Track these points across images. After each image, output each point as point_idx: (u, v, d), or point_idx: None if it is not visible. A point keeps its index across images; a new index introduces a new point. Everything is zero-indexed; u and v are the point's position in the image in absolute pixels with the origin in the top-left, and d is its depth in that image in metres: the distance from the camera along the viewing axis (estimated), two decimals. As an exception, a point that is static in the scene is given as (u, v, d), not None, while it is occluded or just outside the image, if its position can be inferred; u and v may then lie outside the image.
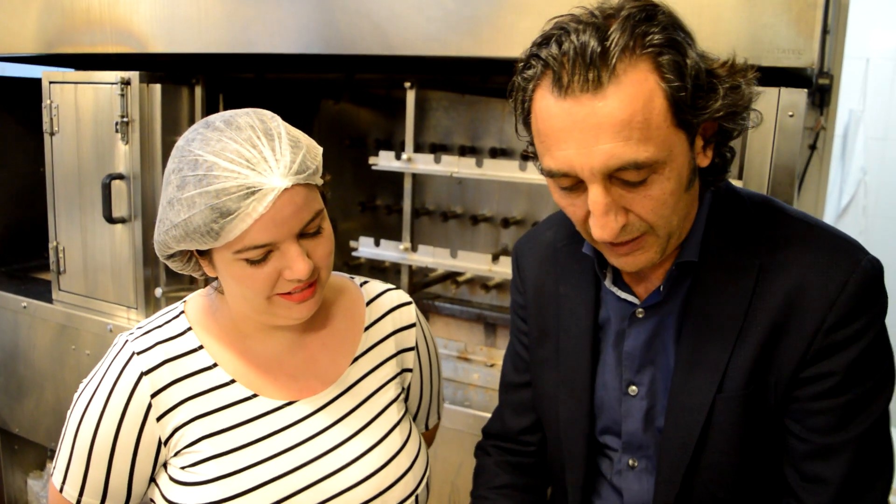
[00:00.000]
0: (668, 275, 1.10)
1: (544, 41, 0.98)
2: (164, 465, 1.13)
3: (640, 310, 1.14)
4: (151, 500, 1.15)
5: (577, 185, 0.99)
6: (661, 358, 1.14)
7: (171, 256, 1.12)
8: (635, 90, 0.92)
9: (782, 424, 1.08)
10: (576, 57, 0.92)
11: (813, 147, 2.78)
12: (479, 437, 1.44)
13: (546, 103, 0.96)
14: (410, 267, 2.31)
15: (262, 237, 1.02)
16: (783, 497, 1.10)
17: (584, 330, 1.19)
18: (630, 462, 1.19)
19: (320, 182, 1.10)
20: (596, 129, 0.92)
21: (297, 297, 1.09)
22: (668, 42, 0.94)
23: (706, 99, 0.97)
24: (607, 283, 1.16)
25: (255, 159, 1.01)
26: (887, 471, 1.07)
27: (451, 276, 2.63)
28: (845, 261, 1.02)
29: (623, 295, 1.15)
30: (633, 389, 1.16)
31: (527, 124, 1.04)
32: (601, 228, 0.97)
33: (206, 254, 1.09)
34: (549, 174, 1.00)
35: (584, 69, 0.92)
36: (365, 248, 2.30)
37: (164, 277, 2.46)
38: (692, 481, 1.10)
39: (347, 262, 2.85)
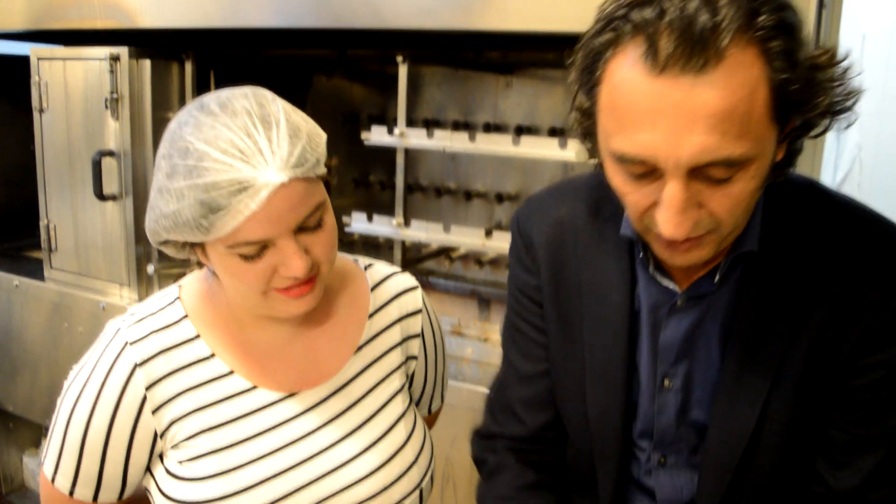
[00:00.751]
0: (725, 265, 1.02)
1: (636, 2, 0.82)
2: (160, 457, 1.09)
3: (681, 299, 1.05)
4: (147, 490, 1.12)
5: (650, 173, 0.86)
6: (702, 350, 1.06)
7: (163, 243, 1.06)
8: (741, 77, 0.79)
9: (827, 416, 1.04)
10: (682, 29, 0.77)
11: (808, 122, 2.77)
12: (472, 411, 1.42)
13: (631, 76, 0.82)
14: (403, 242, 2.30)
15: (256, 234, 0.96)
16: (811, 484, 1.07)
17: (620, 319, 1.09)
18: (660, 459, 1.13)
19: (323, 172, 1.03)
20: (691, 116, 0.79)
21: (295, 293, 1.03)
22: (779, 24, 0.81)
23: (813, 94, 0.86)
24: (651, 269, 1.06)
25: (250, 150, 0.93)
26: None
27: (444, 252, 2.63)
28: None
29: (665, 282, 1.06)
30: (667, 382, 1.09)
31: (591, 95, 0.90)
32: (675, 227, 0.85)
33: (199, 243, 1.03)
34: (621, 158, 0.86)
35: (691, 46, 0.77)
36: (358, 223, 2.29)
37: (157, 254, 2.45)
38: (741, 478, 1.05)
39: (341, 239, 2.84)
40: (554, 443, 1.23)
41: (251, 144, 0.94)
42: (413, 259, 2.55)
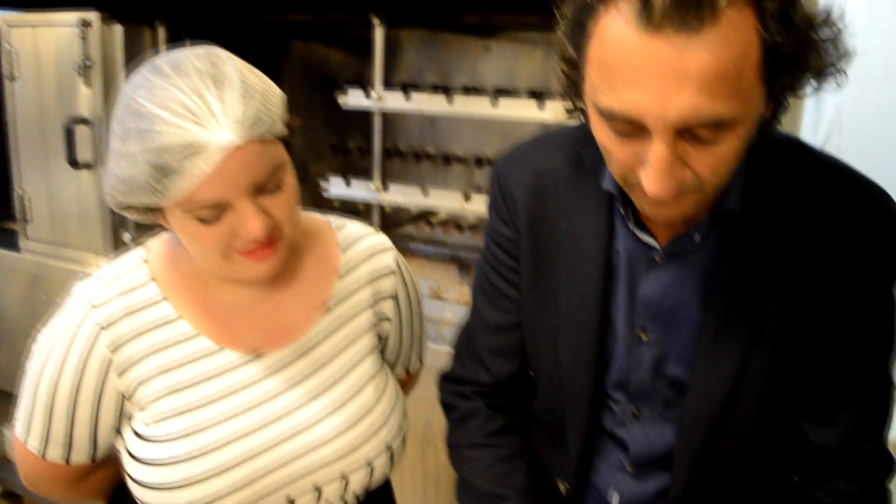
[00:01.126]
0: (707, 223, 1.02)
1: None
2: (129, 418, 1.09)
3: (660, 254, 1.05)
4: (117, 451, 1.12)
5: (636, 131, 0.85)
6: (681, 306, 1.06)
7: (125, 208, 1.04)
8: (735, 38, 0.78)
9: (808, 374, 1.05)
10: None
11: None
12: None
13: (623, 33, 0.80)
14: (382, 207, 2.29)
15: (211, 196, 0.95)
16: (793, 441, 1.08)
17: (594, 271, 1.09)
18: (634, 411, 1.13)
19: (281, 132, 1.01)
20: (682, 76, 0.78)
21: (257, 256, 1.02)
22: None
23: (805, 55, 0.85)
24: (630, 224, 1.06)
25: (201, 112, 0.92)
26: (890, 413, 1.07)
27: (424, 217, 2.62)
28: (891, 209, 0.99)
29: (644, 237, 1.06)
30: (643, 336, 1.09)
31: (579, 49, 0.89)
32: (658, 185, 0.85)
33: (158, 207, 1.02)
34: (608, 115, 0.86)
35: (686, 4, 0.76)
36: (335, 188, 2.28)
37: (132, 222, 2.43)
38: (720, 434, 1.06)
39: (320, 204, 2.83)
40: (520, 392, 1.24)
41: (203, 105, 0.93)
42: (392, 224, 2.54)
